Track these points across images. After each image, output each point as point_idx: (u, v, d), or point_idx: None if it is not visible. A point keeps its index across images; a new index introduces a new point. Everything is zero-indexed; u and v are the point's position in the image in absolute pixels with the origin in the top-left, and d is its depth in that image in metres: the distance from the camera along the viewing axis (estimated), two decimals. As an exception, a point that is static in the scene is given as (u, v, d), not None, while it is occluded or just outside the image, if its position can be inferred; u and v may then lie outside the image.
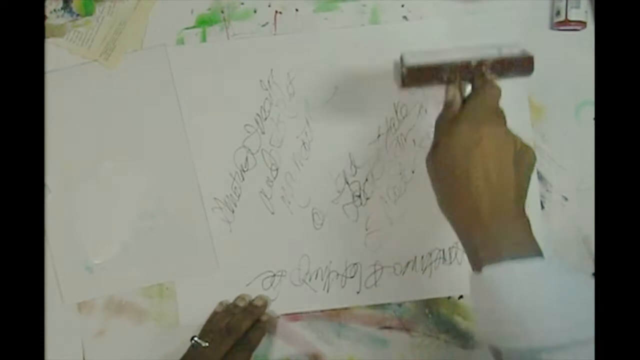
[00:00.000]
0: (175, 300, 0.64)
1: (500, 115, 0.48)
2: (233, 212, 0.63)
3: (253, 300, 0.63)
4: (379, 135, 0.63)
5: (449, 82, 0.50)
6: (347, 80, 0.63)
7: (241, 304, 0.62)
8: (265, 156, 0.63)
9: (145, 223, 0.63)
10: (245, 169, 0.63)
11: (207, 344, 0.58)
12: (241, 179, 0.63)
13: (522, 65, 0.51)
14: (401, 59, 0.52)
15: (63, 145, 0.63)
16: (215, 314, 0.63)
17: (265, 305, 0.63)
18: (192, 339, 0.59)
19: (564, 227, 0.64)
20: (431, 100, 0.63)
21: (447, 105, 0.49)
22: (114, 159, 0.63)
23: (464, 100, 0.49)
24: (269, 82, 0.63)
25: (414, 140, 0.63)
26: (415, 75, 0.50)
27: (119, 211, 0.64)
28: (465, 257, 0.62)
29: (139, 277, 0.64)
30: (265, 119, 0.63)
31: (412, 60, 0.51)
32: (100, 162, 0.63)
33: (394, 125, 0.63)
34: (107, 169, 0.63)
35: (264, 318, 0.62)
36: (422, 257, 0.63)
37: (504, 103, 0.62)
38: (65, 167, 0.63)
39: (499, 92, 0.48)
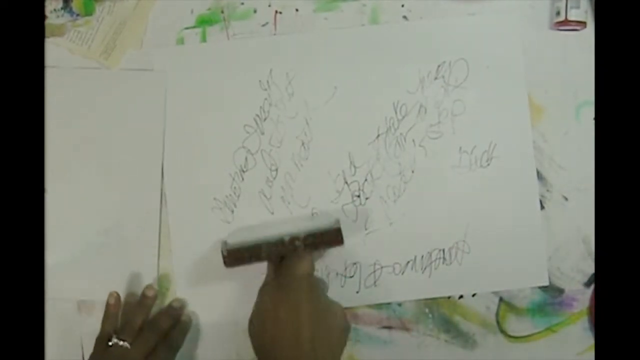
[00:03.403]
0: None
1: (310, 284, 0.54)
2: (233, 212, 0.63)
3: (171, 302, 0.62)
4: (378, 135, 0.63)
5: (268, 259, 0.58)
6: (347, 80, 0.63)
7: (150, 293, 0.60)
8: (265, 156, 0.63)
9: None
10: (244, 169, 0.63)
11: (128, 345, 0.56)
12: (241, 179, 0.63)
13: (331, 238, 0.58)
14: (224, 241, 0.60)
15: (63, 145, 0.63)
16: (108, 306, 0.60)
17: (182, 306, 0.62)
18: (108, 340, 0.57)
19: (564, 227, 0.64)
20: (431, 100, 0.63)
21: (269, 276, 0.57)
22: (113, 159, 0.63)
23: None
24: (268, 82, 0.63)
25: (413, 140, 0.63)
26: (235, 256, 0.58)
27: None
28: (465, 257, 0.64)
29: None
30: (265, 119, 0.63)
31: (232, 242, 0.59)
32: (100, 162, 0.63)
33: (393, 125, 0.63)
34: (106, 169, 0.63)
35: (184, 319, 0.62)
36: (422, 257, 0.63)
37: (503, 104, 0.63)
38: (65, 167, 0.63)
39: (307, 263, 0.55)
